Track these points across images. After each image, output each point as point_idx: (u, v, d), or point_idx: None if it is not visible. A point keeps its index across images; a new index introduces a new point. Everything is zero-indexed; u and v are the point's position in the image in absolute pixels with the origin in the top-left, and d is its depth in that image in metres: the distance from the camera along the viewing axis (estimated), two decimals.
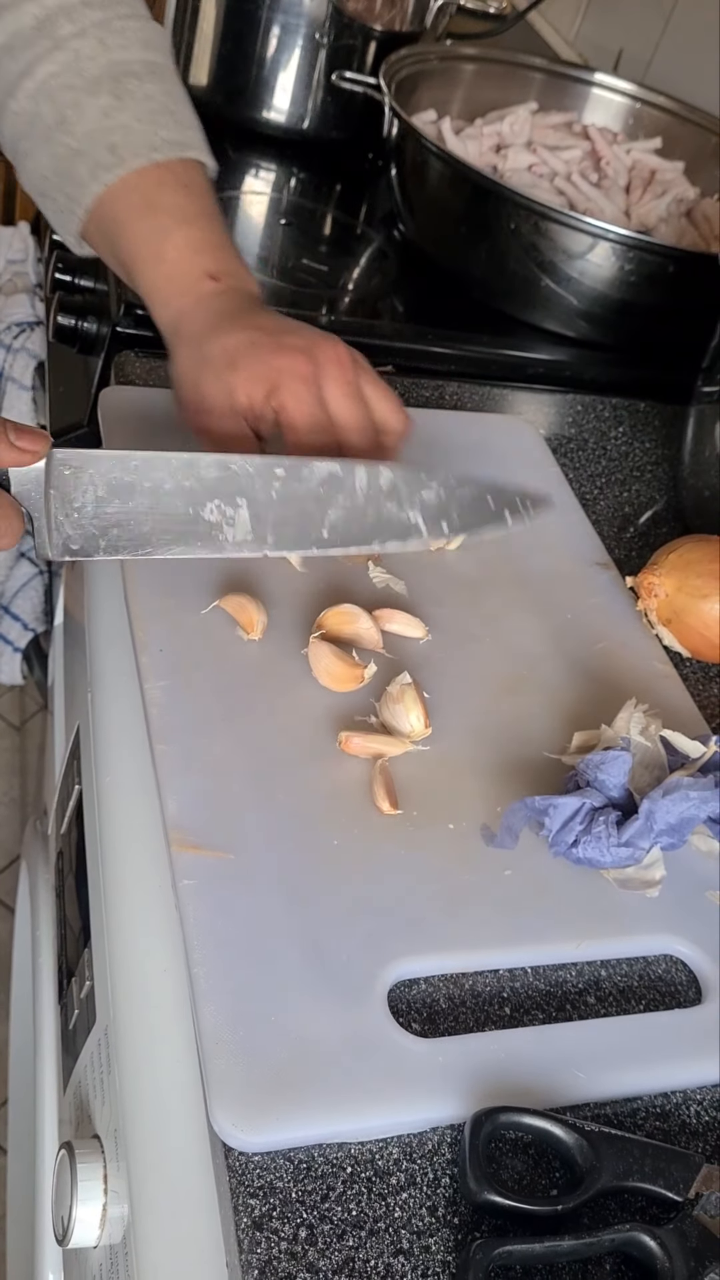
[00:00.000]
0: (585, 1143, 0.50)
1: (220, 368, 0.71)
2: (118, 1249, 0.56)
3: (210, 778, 0.62)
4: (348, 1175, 0.50)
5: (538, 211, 1.03)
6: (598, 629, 0.79)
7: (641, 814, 0.62)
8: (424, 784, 0.65)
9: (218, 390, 0.72)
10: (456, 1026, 0.56)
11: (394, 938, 0.57)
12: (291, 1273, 0.46)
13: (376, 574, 0.77)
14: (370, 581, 0.77)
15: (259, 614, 0.70)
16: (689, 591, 0.76)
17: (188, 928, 0.55)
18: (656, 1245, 0.47)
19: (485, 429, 0.94)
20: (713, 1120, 0.55)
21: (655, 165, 1.23)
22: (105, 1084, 0.60)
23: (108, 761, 0.69)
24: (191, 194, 0.78)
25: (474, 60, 1.31)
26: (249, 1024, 0.52)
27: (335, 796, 0.63)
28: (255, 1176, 0.49)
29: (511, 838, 0.63)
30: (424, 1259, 0.48)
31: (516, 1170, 0.51)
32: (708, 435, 0.87)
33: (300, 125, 1.34)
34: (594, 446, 1.00)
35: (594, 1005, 0.58)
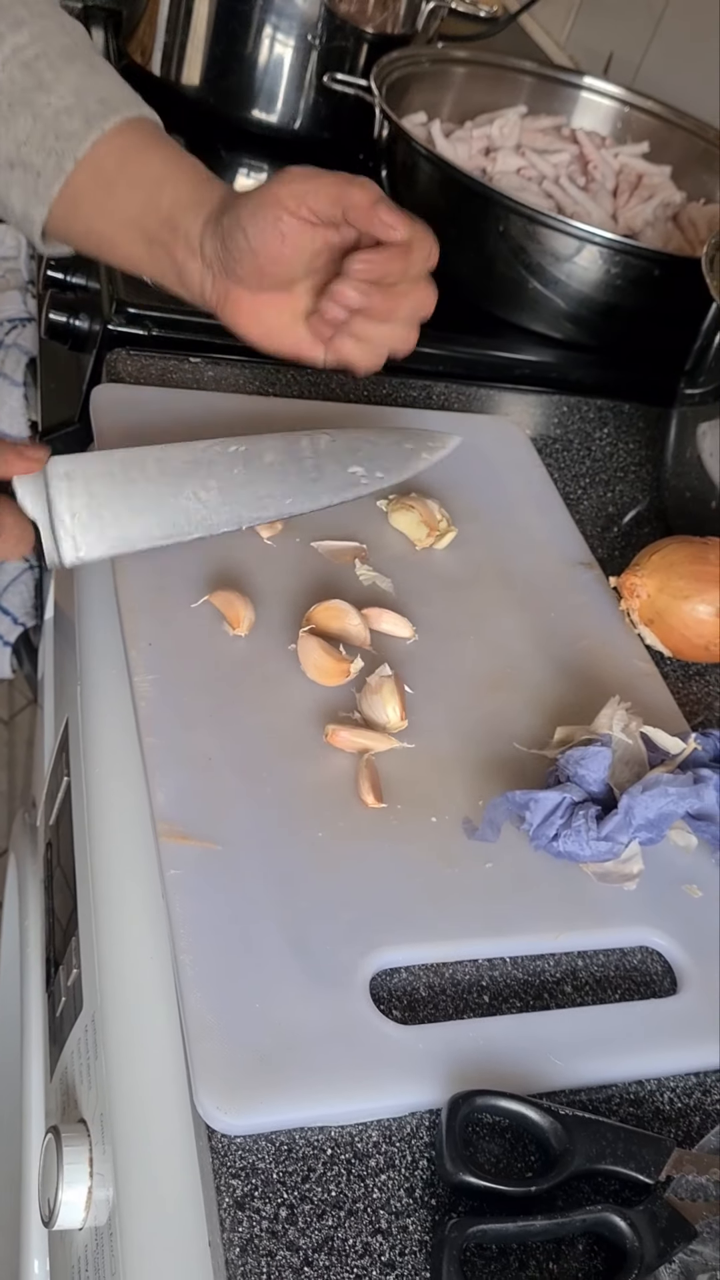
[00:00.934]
0: (559, 1126, 0.51)
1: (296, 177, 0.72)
2: (103, 1231, 0.58)
3: (198, 770, 0.63)
4: (328, 1157, 0.51)
5: (525, 215, 1.04)
6: (581, 628, 0.80)
7: (621, 809, 0.63)
8: (408, 778, 0.66)
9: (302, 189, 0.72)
10: (436, 1014, 0.57)
11: (376, 927, 0.58)
12: (272, 1250, 0.47)
13: (363, 571, 0.78)
14: (357, 580, 0.78)
15: (246, 610, 0.71)
16: (671, 592, 0.77)
17: (174, 916, 0.56)
18: (627, 1226, 0.49)
19: (472, 429, 0.95)
20: (685, 1106, 0.57)
21: (642, 169, 1.25)
22: (91, 1069, 0.61)
23: (96, 754, 0.70)
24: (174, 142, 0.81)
25: (464, 63, 1.32)
26: (233, 1010, 0.53)
27: (321, 789, 0.64)
28: (237, 1158, 0.50)
29: (493, 831, 0.64)
30: (401, 1238, 0.49)
31: (492, 1153, 0.52)
32: (689, 437, 0.88)
33: (292, 126, 1.35)
34: (579, 447, 1.01)
35: (571, 994, 0.60)
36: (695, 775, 0.65)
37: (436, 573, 0.80)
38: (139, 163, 0.78)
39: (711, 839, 0.67)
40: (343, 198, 0.72)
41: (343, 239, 0.75)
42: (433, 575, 0.80)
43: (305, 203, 0.72)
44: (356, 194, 0.72)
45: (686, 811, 0.65)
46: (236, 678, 0.69)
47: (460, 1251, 0.47)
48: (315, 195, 0.72)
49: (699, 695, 0.79)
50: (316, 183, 0.73)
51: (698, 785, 0.65)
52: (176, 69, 1.34)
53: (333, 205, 0.72)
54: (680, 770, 0.67)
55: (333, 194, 0.72)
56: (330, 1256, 0.48)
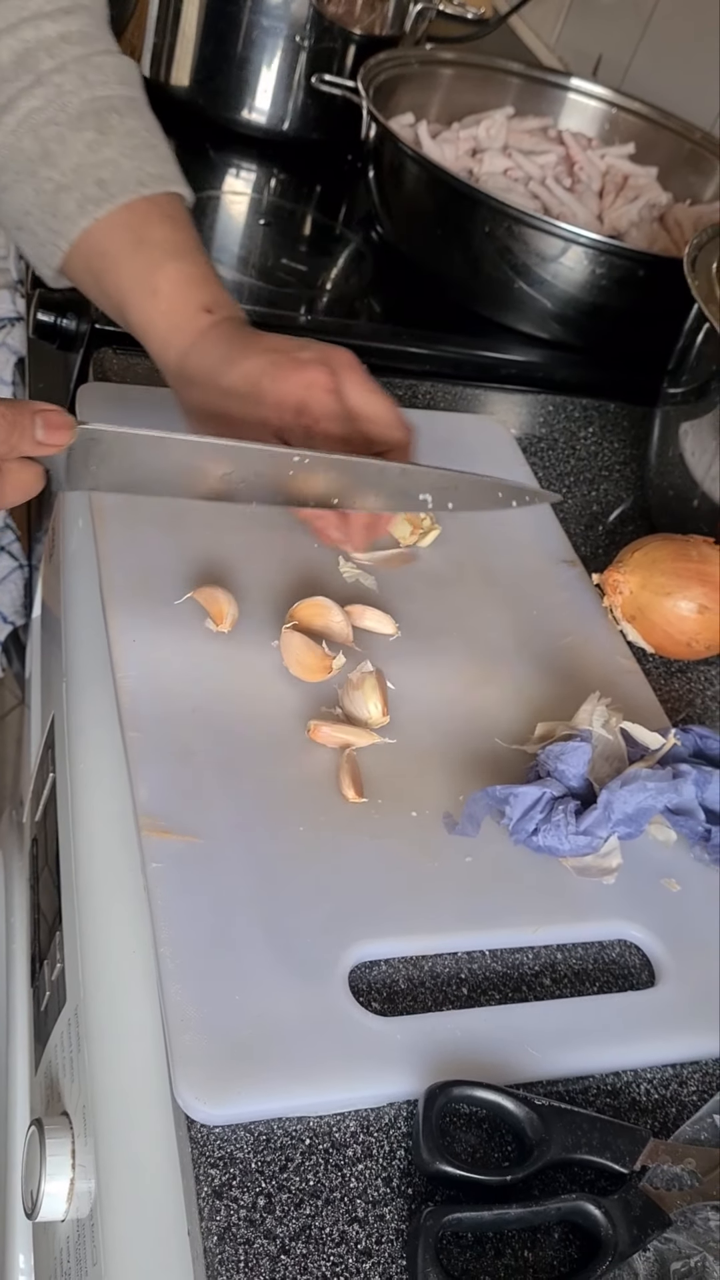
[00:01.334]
0: (535, 1116, 0.52)
1: (245, 397, 0.73)
2: (85, 1223, 0.58)
3: (180, 765, 0.64)
4: (306, 1147, 0.51)
5: (511, 215, 1.05)
6: (564, 625, 0.80)
7: (600, 804, 0.63)
8: (389, 773, 0.67)
9: (248, 417, 0.73)
10: (415, 1006, 0.57)
11: (356, 920, 0.59)
12: (249, 1239, 0.48)
13: (347, 569, 0.79)
14: (340, 577, 0.78)
15: (229, 606, 0.71)
16: (653, 589, 0.78)
17: (155, 909, 0.57)
18: (601, 1214, 0.49)
19: (457, 428, 0.96)
20: (661, 1098, 0.57)
21: (628, 170, 1.25)
22: (74, 1062, 0.62)
23: (81, 749, 0.70)
24: (177, 227, 0.79)
25: (452, 64, 1.33)
26: (213, 1002, 0.53)
27: (302, 784, 0.65)
28: (216, 1147, 0.50)
29: (473, 826, 0.64)
30: (378, 1227, 0.50)
31: (469, 1143, 0.53)
32: (672, 436, 0.88)
33: (280, 127, 1.36)
34: (564, 446, 1.02)
35: (550, 987, 0.60)
36: (674, 770, 0.66)
37: (421, 571, 0.81)
38: (114, 273, 0.78)
39: (690, 834, 0.67)
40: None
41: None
42: (417, 574, 0.81)
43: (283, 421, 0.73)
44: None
45: (665, 806, 0.65)
46: (219, 673, 0.69)
47: (436, 1240, 0.48)
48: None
49: (681, 692, 0.80)
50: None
51: (676, 780, 0.65)
52: (166, 70, 1.35)
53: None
54: (660, 766, 0.67)
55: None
56: (307, 1245, 0.48)
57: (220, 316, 0.77)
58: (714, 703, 0.80)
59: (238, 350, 0.75)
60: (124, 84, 0.82)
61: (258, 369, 0.73)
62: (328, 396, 0.73)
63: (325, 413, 0.73)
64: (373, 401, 0.75)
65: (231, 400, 0.74)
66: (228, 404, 0.74)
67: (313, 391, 0.73)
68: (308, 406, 0.73)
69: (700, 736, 0.70)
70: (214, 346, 0.75)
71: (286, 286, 1.14)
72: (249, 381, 0.73)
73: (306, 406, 0.73)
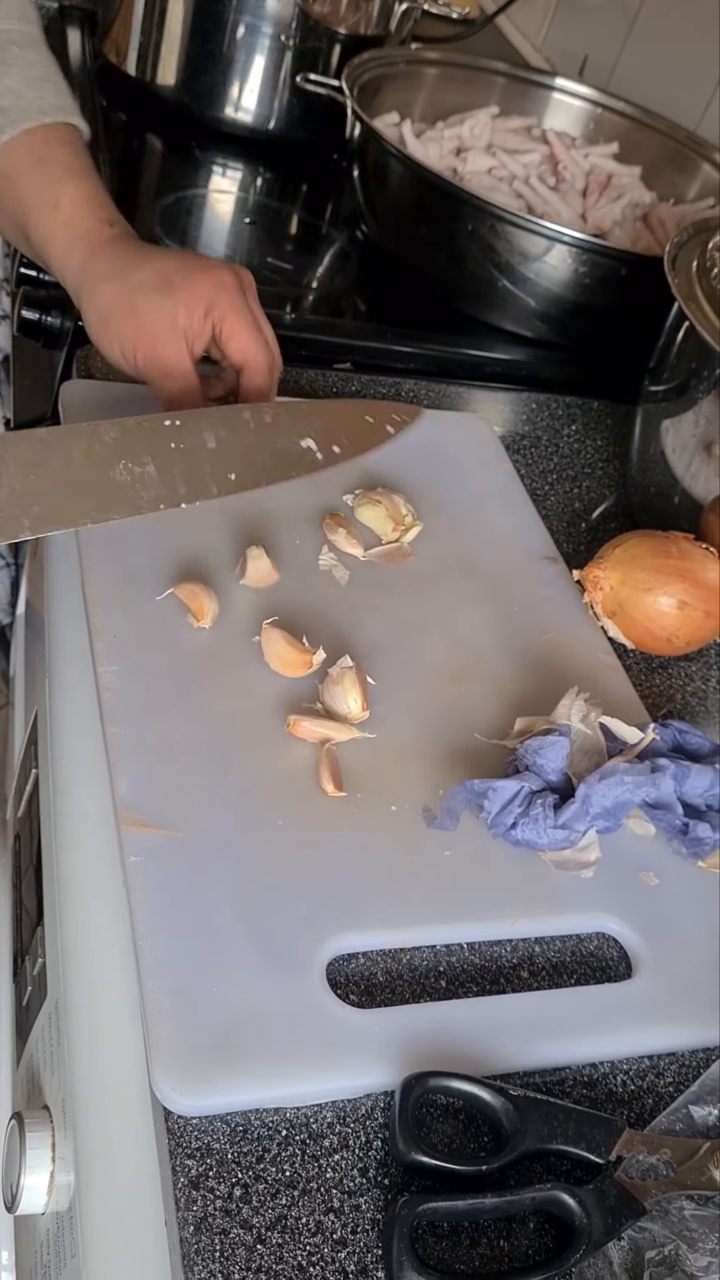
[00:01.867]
0: (511, 1107, 0.52)
1: (156, 292, 0.76)
2: (64, 1215, 0.58)
3: (160, 759, 0.64)
4: (282, 1137, 0.52)
5: (495, 214, 1.05)
6: (545, 621, 0.81)
7: (578, 798, 0.64)
8: (368, 767, 0.67)
9: (157, 316, 0.77)
10: (393, 998, 0.58)
11: (334, 913, 0.59)
12: (226, 1229, 0.48)
13: (326, 559, 0.79)
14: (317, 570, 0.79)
15: (210, 602, 0.71)
16: (633, 585, 0.78)
17: (134, 903, 0.57)
18: (576, 1204, 0.50)
19: (439, 425, 0.96)
20: (638, 1089, 0.57)
21: (612, 170, 1.25)
22: (55, 1055, 0.62)
23: (63, 744, 0.70)
24: (77, 153, 0.82)
25: (437, 64, 1.33)
26: (192, 994, 0.54)
27: (282, 778, 0.65)
28: (193, 1138, 0.51)
29: (452, 819, 0.65)
30: (354, 1217, 0.50)
31: (445, 1133, 0.53)
32: (653, 433, 0.89)
33: (266, 126, 1.36)
34: (547, 444, 1.02)
35: (528, 979, 0.60)
36: (653, 765, 0.66)
37: (402, 566, 0.81)
38: (15, 192, 0.81)
39: (668, 827, 0.67)
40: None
41: None
42: (397, 568, 0.81)
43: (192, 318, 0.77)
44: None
45: (643, 800, 0.66)
46: (200, 668, 0.69)
47: (411, 1229, 0.48)
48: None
49: (662, 688, 0.80)
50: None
51: (655, 775, 0.66)
52: (151, 69, 1.35)
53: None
54: (638, 760, 0.67)
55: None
56: (283, 1235, 0.49)
57: (121, 230, 0.81)
58: (694, 698, 0.81)
59: (146, 252, 0.79)
60: (23, 21, 0.85)
61: (170, 266, 0.77)
62: (237, 298, 0.78)
63: (235, 314, 0.77)
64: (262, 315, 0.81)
65: (140, 295, 0.77)
66: (136, 299, 0.77)
67: (223, 291, 0.77)
68: (217, 304, 0.77)
69: (679, 731, 0.70)
70: (122, 250, 0.79)
71: (272, 285, 1.14)
72: (160, 277, 0.77)
73: (215, 304, 0.77)
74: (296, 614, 0.74)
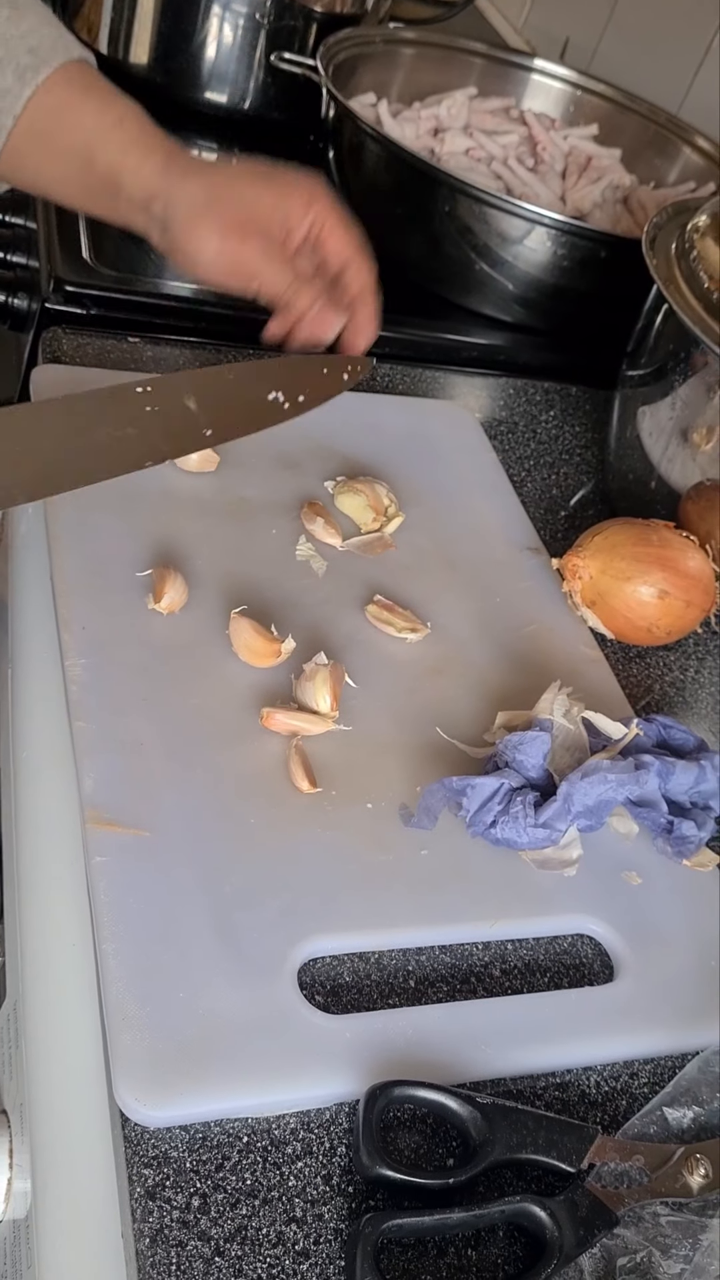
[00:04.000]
0: (479, 1116, 0.50)
1: (257, 180, 0.79)
2: (20, 1224, 0.56)
3: (128, 755, 0.62)
4: (243, 1145, 0.50)
5: (473, 195, 1.03)
6: (527, 613, 0.79)
7: (560, 796, 0.62)
8: (344, 763, 0.65)
9: (261, 200, 0.78)
10: (366, 1003, 0.56)
11: (307, 916, 0.57)
12: (182, 1240, 0.47)
13: (302, 549, 0.77)
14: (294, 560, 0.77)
15: (174, 589, 0.69)
16: (613, 574, 0.77)
17: (97, 904, 0.55)
18: (546, 1215, 0.48)
19: (422, 413, 0.94)
20: (612, 1090, 0.56)
21: (592, 151, 1.24)
22: (12, 1059, 0.60)
23: (25, 738, 0.68)
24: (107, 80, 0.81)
25: (414, 44, 1.31)
26: (156, 1000, 0.52)
27: (253, 775, 0.63)
28: (150, 1146, 0.49)
29: (429, 818, 0.63)
30: (317, 1227, 0.48)
31: (412, 1143, 0.52)
32: (630, 419, 0.87)
33: (241, 106, 1.33)
34: (525, 429, 1.00)
35: (505, 982, 0.59)
36: (636, 761, 0.65)
37: (381, 556, 0.79)
38: (72, 121, 0.78)
39: (652, 825, 0.66)
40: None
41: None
42: (378, 559, 0.79)
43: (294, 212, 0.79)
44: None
45: (626, 798, 0.64)
46: (170, 662, 0.67)
47: (375, 1247, 0.46)
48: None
49: (639, 678, 0.79)
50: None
51: (639, 772, 0.64)
52: (124, 48, 1.32)
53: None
54: (621, 756, 0.66)
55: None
56: (243, 1246, 0.47)
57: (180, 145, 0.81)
58: (672, 689, 0.79)
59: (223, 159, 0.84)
60: None
61: (261, 165, 0.81)
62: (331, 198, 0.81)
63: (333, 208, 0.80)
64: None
65: (241, 181, 0.79)
66: (237, 184, 0.78)
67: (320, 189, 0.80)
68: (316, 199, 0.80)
69: (664, 726, 0.69)
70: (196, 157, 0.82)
71: None
72: (257, 170, 0.80)
73: (316, 199, 0.80)
74: (271, 605, 0.72)
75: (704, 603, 0.77)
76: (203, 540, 0.75)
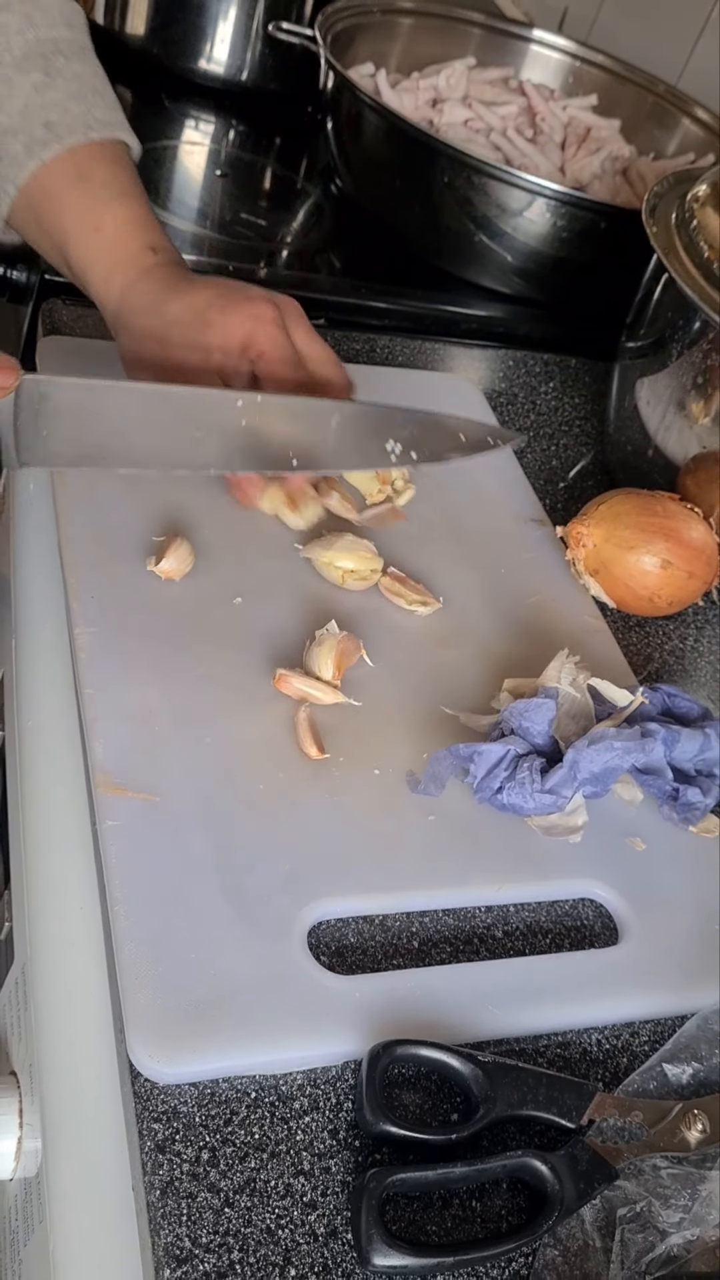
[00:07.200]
0: (481, 1073, 0.51)
1: (190, 327, 0.71)
2: (32, 1182, 0.57)
3: (138, 722, 0.62)
4: (251, 1100, 0.51)
5: (472, 166, 1.03)
6: (531, 583, 0.79)
7: (566, 763, 0.63)
8: (352, 730, 0.66)
9: (191, 352, 0.72)
10: (374, 964, 0.57)
11: (316, 879, 0.58)
12: (193, 1192, 0.47)
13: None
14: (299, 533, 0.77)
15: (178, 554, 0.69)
16: (616, 543, 0.77)
17: (109, 868, 0.56)
18: (547, 1170, 0.49)
19: (427, 386, 0.95)
20: (613, 1048, 0.57)
21: (591, 122, 1.23)
22: (21, 1021, 0.61)
23: (30, 707, 0.69)
24: (122, 171, 0.78)
25: (413, 14, 1.30)
26: (168, 960, 0.52)
27: (262, 741, 0.64)
28: (159, 1102, 0.50)
29: (436, 784, 0.63)
30: (324, 1180, 0.49)
31: (415, 1101, 0.52)
32: (629, 390, 0.87)
33: (239, 77, 1.33)
34: (524, 401, 1.01)
35: (511, 945, 0.60)
36: (642, 730, 0.65)
37: (389, 529, 0.80)
38: (57, 211, 0.76)
39: (658, 792, 0.67)
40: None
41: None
42: (385, 532, 0.79)
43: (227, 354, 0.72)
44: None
45: (632, 765, 0.65)
46: (179, 630, 0.68)
47: (380, 1202, 0.47)
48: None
49: (639, 647, 0.79)
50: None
51: (645, 740, 0.64)
52: (120, 18, 1.32)
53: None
54: (627, 724, 0.66)
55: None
56: (252, 1198, 0.48)
57: (165, 258, 0.76)
58: (672, 658, 0.80)
59: (184, 284, 0.74)
60: (70, 27, 0.80)
61: (204, 300, 0.72)
62: (275, 332, 0.72)
63: (273, 350, 0.71)
64: (314, 344, 0.74)
65: (174, 330, 0.72)
66: (170, 334, 0.72)
67: (260, 325, 0.71)
68: (254, 341, 0.71)
69: (669, 695, 0.69)
70: (159, 281, 0.74)
71: (244, 240, 1.12)
72: (194, 311, 0.72)
73: (253, 341, 0.71)
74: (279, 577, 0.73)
75: (706, 574, 0.78)
76: (211, 512, 0.76)
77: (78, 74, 0.78)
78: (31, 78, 0.76)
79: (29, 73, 0.76)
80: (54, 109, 0.76)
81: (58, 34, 0.79)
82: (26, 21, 0.77)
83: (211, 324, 0.71)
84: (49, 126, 0.75)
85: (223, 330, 0.71)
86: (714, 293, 0.78)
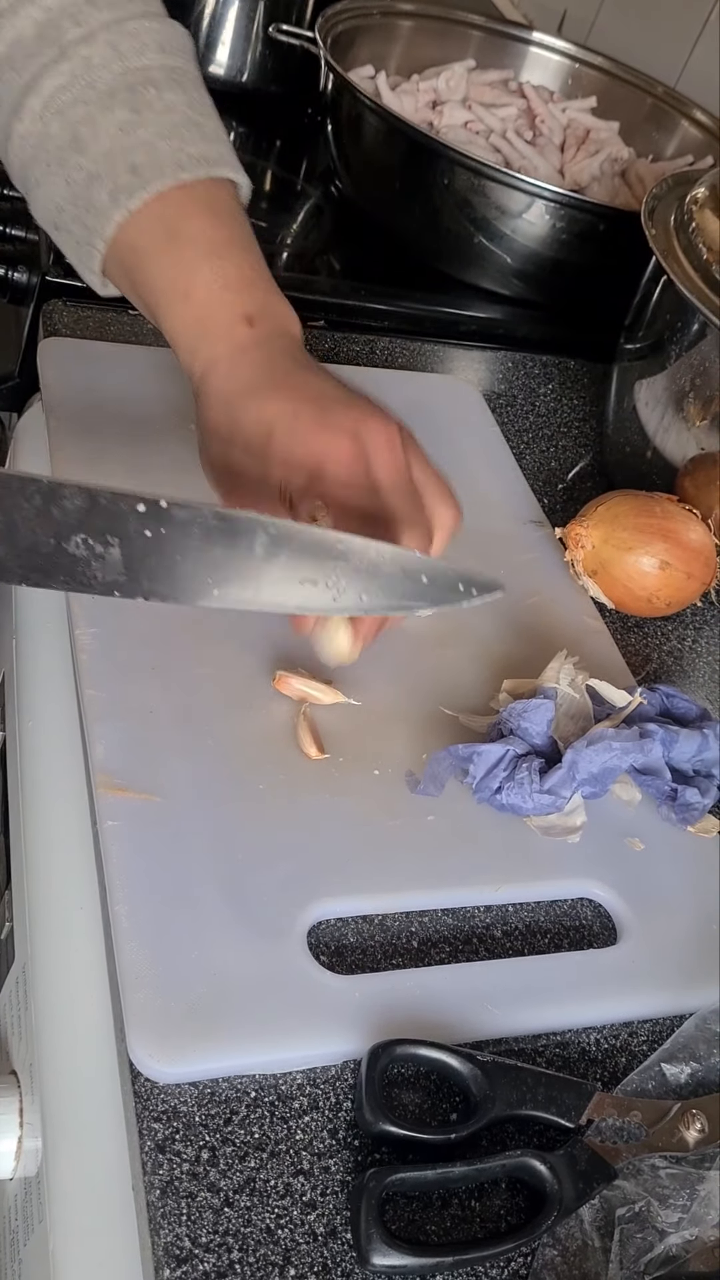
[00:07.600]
0: (480, 1073, 0.51)
1: (255, 443, 0.63)
2: (32, 1181, 0.57)
3: (138, 722, 0.62)
4: (251, 1099, 0.51)
5: (471, 168, 1.03)
6: (530, 584, 0.80)
7: (565, 763, 0.63)
8: (351, 731, 0.66)
9: (251, 468, 0.63)
10: (374, 964, 0.57)
11: (315, 879, 0.58)
12: (193, 1192, 0.48)
13: None
14: None
15: None
16: (615, 544, 0.77)
17: (109, 868, 0.56)
18: (546, 1169, 0.49)
19: (426, 388, 0.95)
20: (611, 1048, 0.57)
21: (590, 124, 1.24)
22: (22, 1020, 0.61)
23: (30, 706, 0.69)
24: (220, 220, 0.68)
25: (412, 16, 1.30)
26: (168, 960, 0.53)
27: (263, 742, 0.64)
28: (159, 1102, 0.50)
29: (436, 785, 0.64)
30: (324, 1179, 0.49)
31: (416, 1100, 0.53)
32: (628, 392, 0.88)
33: (239, 79, 1.33)
34: (523, 403, 1.01)
35: (510, 945, 0.60)
36: (641, 730, 0.65)
37: None
38: (147, 272, 0.68)
39: (656, 793, 0.67)
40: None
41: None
42: None
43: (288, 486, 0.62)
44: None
45: (631, 766, 0.65)
46: (180, 630, 0.68)
47: (379, 1201, 0.47)
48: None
49: (637, 648, 0.80)
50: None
51: (644, 740, 0.65)
52: None
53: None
54: (625, 725, 0.67)
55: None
56: (251, 1197, 0.48)
57: (263, 331, 0.67)
58: (670, 658, 0.80)
59: (266, 382, 0.64)
60: (164, 52, 0.70)
61: (276, 415, 0.62)
62: (346, 473, 0.61)
63: (345, 481, 0.61)
64: (397, 501, 0.62)
65: (239, 442, 0.63)
66: (234, 444, 0.64)
67: (328, 465, 0.61)
68: (320, 480, 0.61)
69: (667, 695, 0.70)
70: (243, 369, 0.65)
71: None
72: (261, 428, 0.62)
73: (319, 479, 0.61)
74: None
75: (704, 575, 0.78)
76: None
77: (170, 105, 0.68)
78: (117, 116, 0.67)
79: (114, 110, 0.67)
80: (140, 149, 0.67)
81: (148, 61, 0.69)
82: (112, 52, 0.68)
83: (275, 451, 0.62)
84: (134, 170, 0.66)
85: (285, 460, 0.62)
86: (712, 295, 0.78)
